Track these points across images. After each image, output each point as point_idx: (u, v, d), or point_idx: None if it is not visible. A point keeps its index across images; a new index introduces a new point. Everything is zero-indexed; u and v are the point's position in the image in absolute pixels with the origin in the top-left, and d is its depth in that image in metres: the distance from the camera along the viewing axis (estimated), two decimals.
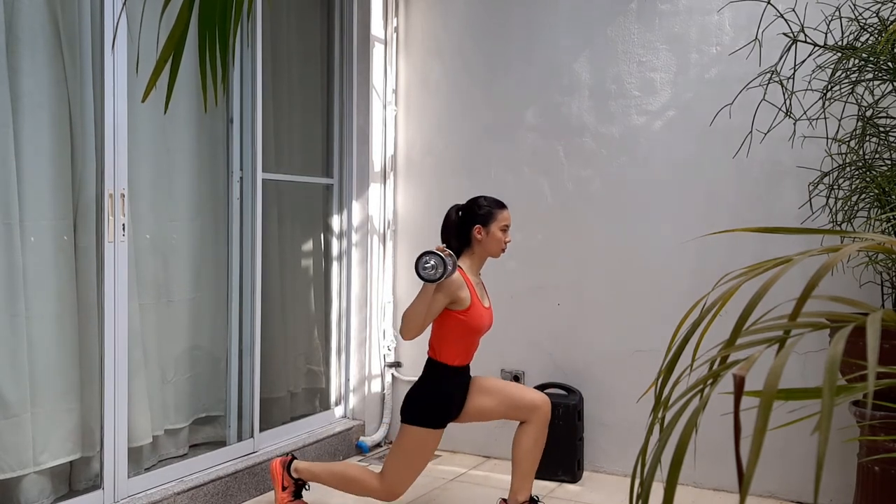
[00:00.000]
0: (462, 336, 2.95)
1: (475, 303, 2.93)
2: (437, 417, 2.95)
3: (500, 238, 3.00)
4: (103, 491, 2.85)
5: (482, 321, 2.96)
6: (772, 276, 0.91)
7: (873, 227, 2.81)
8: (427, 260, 2.75)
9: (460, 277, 2.88)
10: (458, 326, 2.92)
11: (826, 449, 0.70)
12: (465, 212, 3.04)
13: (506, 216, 3.03)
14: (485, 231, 2.99)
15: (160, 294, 3.22)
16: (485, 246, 3.00)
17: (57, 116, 2.77)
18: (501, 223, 3.01)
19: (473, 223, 2.99)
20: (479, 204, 3.02)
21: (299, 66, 3.98)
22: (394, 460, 2.97)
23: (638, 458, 0.99)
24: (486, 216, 2.99)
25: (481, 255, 3.03)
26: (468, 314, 2.91)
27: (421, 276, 2.76)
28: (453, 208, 3.07)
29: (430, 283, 2.77)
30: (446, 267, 2.74)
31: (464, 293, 2.88)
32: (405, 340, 2.95)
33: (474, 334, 2.98)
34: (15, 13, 2.65)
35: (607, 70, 3.80)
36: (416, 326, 2.83)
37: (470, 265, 3.01)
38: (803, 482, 3.41)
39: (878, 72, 2.82)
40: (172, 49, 1.43)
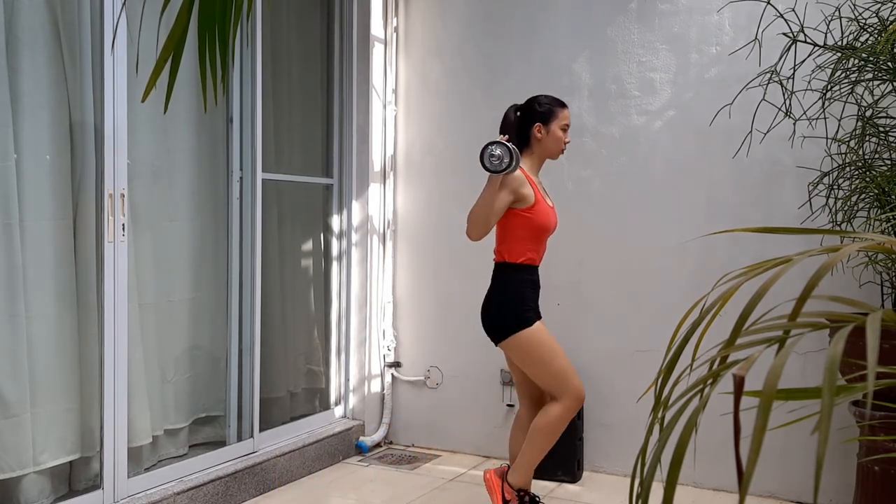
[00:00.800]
0: (530, 236, 2.84)
1: (539, 199, 2.83)
2: (529, 312, 2.83)
3: (560, 137, 2.92)
4: (103, 491, 2.85)
5: (549, 219, 2.87)
6: (772, 276, 0.91)
7: (873, 227, 2.81)
8: (493, 150, 2.64)
9: (522, 175, 2.79)
10: (525, 225, 2.82)
11: (826, 449, 0.70)
12: (524, 111, 2.94)
13: (566, 115, 2.94)
14: (545, 129, 2.90)
15: (160, 294, 3.22)
16: (545, 145, 2.92)
17: (57, 116, 2.77)
18: (562, 122, 2.92)
19: (533, 121, 2.91)
20: (540, 102, 2.93)
21: (299, 66, 3.98)
22: (540, 375, 2.82)
23: (638, 458, 0.99)
24: (547, 114, 2.91)
25: (541, 154, 2.94)
26: (534, 211, 2.82)
27: (486, 167, 2.64)
28: (511, 108, 2.96)
29: (497, 174, 2.65)
30: (512, 155, 2.62)
31: (527, 189, 2.79)
32: (472, 240, 2.79)
33: (542, 233, 2.87)
34: (15, 13, 2.65)
35: (607, 70, 3.80)
36: (483, 223, 2.73)
37: (530, 165, 2.92)
38: (803, 482, 3.41)
39: (877, 72, 2.82)
40: (172, 49, 1.43)
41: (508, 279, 2.86)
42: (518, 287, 2.86)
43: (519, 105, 2.98)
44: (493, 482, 2.95)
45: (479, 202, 2.74)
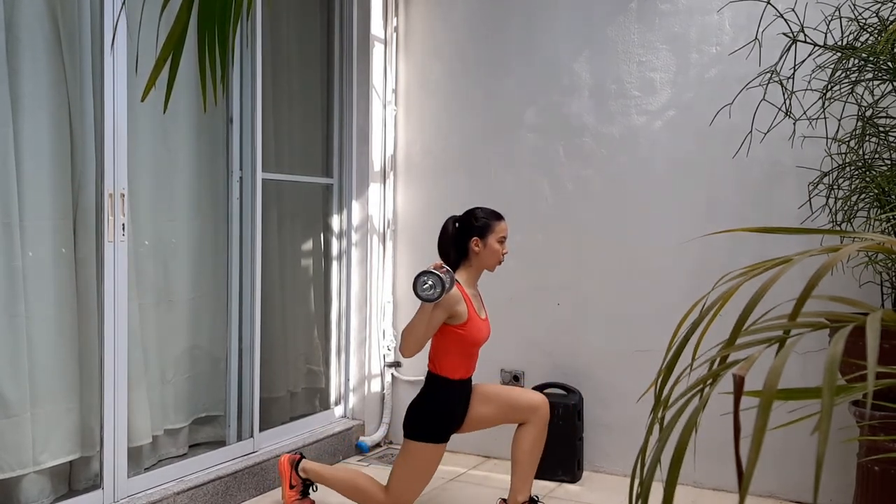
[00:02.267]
0: (461, 349, 2.95)
1: (472, 316, 2.93)
2: (441, 431, 2.96)
3: (497, 250, 3.01)
4: (103, 491, 2.85)
5: (480, 334, 2.97)
6: (772, 276, 0.91)
7: (873, 227, 2.81)
8: (425, 280, 2.75)
9: (458, 292, 2.89)
10: (456, 340, 2.93)
11: (826, 449, 0.70)
12: (461, 224, 3.04)
13: (503, 227, 3.03)
14: (482, 243, 2.99)
15: (160, 294, 3.22)
16: (482, 258, 3.01)
17: (56, 116, 2.77)
18: (499, 235, 3.01)
19: (471, 235, 2.99)
20: (476, 216, 3.02)
21: (299, 66, 3.98)
22: (399, 475, 2.97)
23: (638, 457, 0.99)
24: (484, 228, 2.99)
25: (478, 266, 3.03)
26: (466, 328, 2.92)
27: (419, 296, 2.76)
28: (450, 220, 3.07)
29: (429, 302, 2.77)
30: (444, 285, 2.74)
31: (461, 307, 2.89)
32: (405, 358, 2.98)
33: (473, 347, 2.99)
34: (15, 13, 2.65)
35: (607, 70, 3.80)
36: (416, 343, 2.84)
37: (467, 277, 3.01)
38: (803, 482, 3.40)
39: (877, 72, 2.82)
40: (172, 49, 1.43)
41: (438, 394, 2.99)
42: (446, 404, 3.00)
43: (457, 217, 3.07)
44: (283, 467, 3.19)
45: (413, 323, 2.84)
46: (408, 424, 2.98)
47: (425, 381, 3.04)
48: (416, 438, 2.94)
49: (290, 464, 3.19)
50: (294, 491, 3.17)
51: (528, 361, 3.98)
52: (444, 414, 2.98)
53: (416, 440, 2.94)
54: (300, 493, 3.18)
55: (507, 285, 3.93)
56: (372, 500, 3.01)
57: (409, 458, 2.95)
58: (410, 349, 2.85)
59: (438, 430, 2.95)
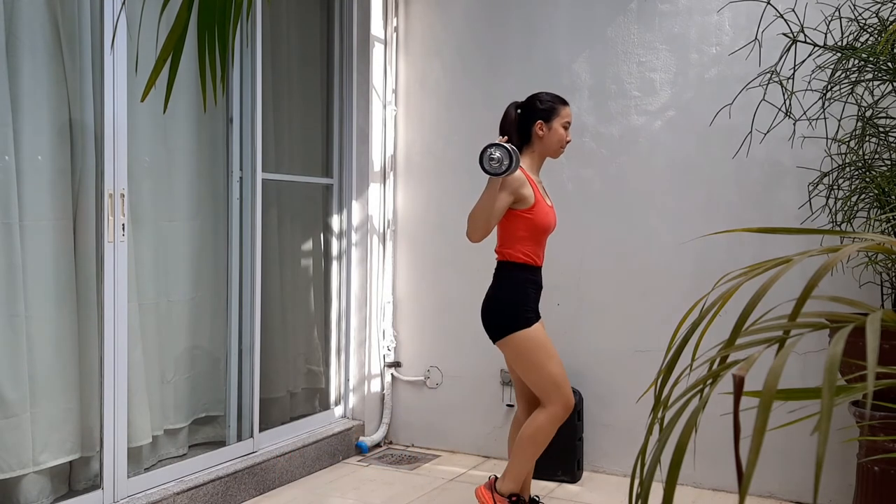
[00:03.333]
0: (530, 236, 2.82)
1: (539, 200, 2.82)
2: (528, 313, 2.81)
3: (562, 135, 2.89)
4: (103, 491, 2.85)
5: (548, 219, 2.85)
6: (772, 276, 0.91)
7: (873, 227, 2.81)
8: (492, 152, 2.62)
9: (522, 175, 2.77)
10: (525, 226, 2.80)
11: (826, 449, 0.70)
12: (525, 108, 2.91)
13: (568, 112, 2.91)
14: (546, 127, 2.87)
15: (160, 294, 3.22)
16: (546, 143, 2.89)
17: (57, 116, 2.77)
18: (564, 119, 2.90)
19: (535, 119, 2.87)
20: (541, 99, 2.90)
21: (299, 66, 3.98)
22: (532, 377, 2.79)
23: (638, 458, 0.99)
24: (549, 111, 2.88)
25: (541, 152, 2.91)
26: (534, 212, 2.80)
27: (486, 169, 2.62)
28: (512, 105, 2.93)
29: (496, 176, 2.64)
30: (512, 158, 2.60)
31: (527, 190, 2.77)
32: (472, 242, 2.78)
33: (542, 233, 2.85)
34: (15, 13, 2.65)
35: (607, 70, 3.80)
36: (483, 226, 2.71)
37: (530, 164, 2.89)
38: (803, 482, 3.41)
39: (877, 72, 2.82)
40: (172, 48, 1.43)
41: (511, 278, 2.84)
42: (520, 287, 2.84)
43: (520, 102, 2.95)
44: (483, 496, 2.91)
45: (479, 204, 2.73)
46: (493, 327, 2.82)
47: (495, 275, 2.89)
48: (514, 330, 2.77)
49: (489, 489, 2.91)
50: None
51: None
52: (522, 300, 2.81)
53: (512, 332, 2.77)
54: None
55: None
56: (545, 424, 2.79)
57: (524, 353, 2.77)
58: (477, 231, 2.72)
59: (526, 313, 2.80)
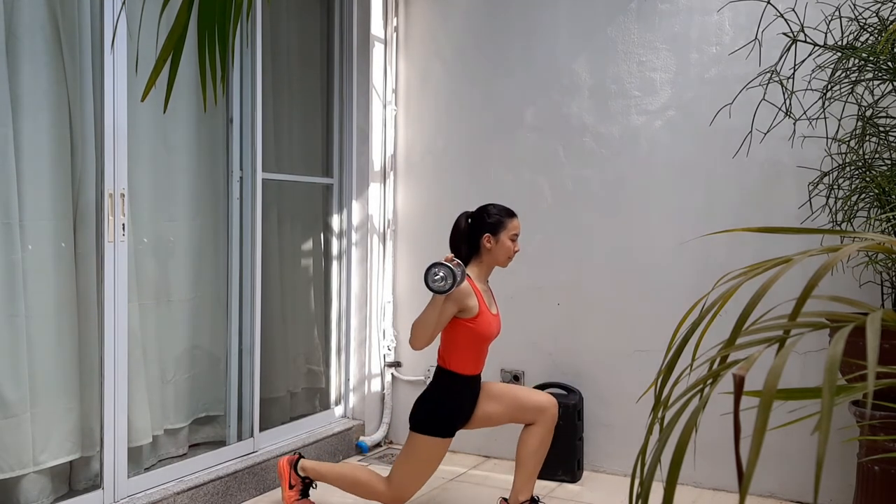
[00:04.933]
0: (471, 344, 2.95)
1: (483, 310, 2.93)
2: (447, 426, 2.96)
3: (509, 247, 3.01)
4: (103, 491, 2.85)
5: (490, 328, 2.97)
6: (772, 276, 0.91)
7: (873, 227, 2.81)
8: (437, 272, 2.75)
9: (468, 286, 2.89)
10: (467, 334, 2.92)
11: (826, 449, 0.70)
12: (474, 220, 3.04)
13: (515, 225, 3.04)
14: (494, 240, 2.99)
15: (160, 294, 3.22)
16: (494, 254, 3.01)
17: (57, 116, 2.77)
18: (511, 232, 3.02)
19: (483, 231, 3.00)
20: (489, 212, 3.02)
21: (299, 66, 3.98)
22: (402, 467, 2.97)
23: (638, 457, 0.99)
24: (496, 225, 3.00)
25: (489, 263, 3.04)
26: (476, 322, 2.91)
27: (431, 287, 2.76)
28: (463, 216, 3.07)
29: (440, 294, 2.77)
30: (455, 278, 2.74)
31: (472, 301, 2.89)
32: (415, 350, 2.96)
33: (483, 342, 2.98)
34: (15, 13, 2.65)
35: (607, 70, 3.80)
36: (426, 336, 2.84)
37: (478, 273, 3.02)
38: (803, 482, 3.41)
39: (878, 71, 2.82)
40: (172, 48, 1.43)
41: (447, 388, 2.99)
42: (455, 397, 3.00)
43: (470, 212, 3.08)
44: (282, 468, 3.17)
45: (423, 315, 2.84)
46: (414, 417, 2.98)
47: (434, 375, 3.04)
48: (422, 432, 2.93)
49: (289, 464, 3.19)
50: (294, 491, 3.17)
51: (528, 361, 3.98)
52: (452, 409, 2.98)
53: (421, 433, 2.94)
54: (300, 492, 3.17)
55: (508, 285, 3.93)
56: (373, 492, 3.01)
57: (414, 451, 2.95)
58: (420, 342, 2.85)
59: (445, 425, 2.95)
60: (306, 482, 3.19)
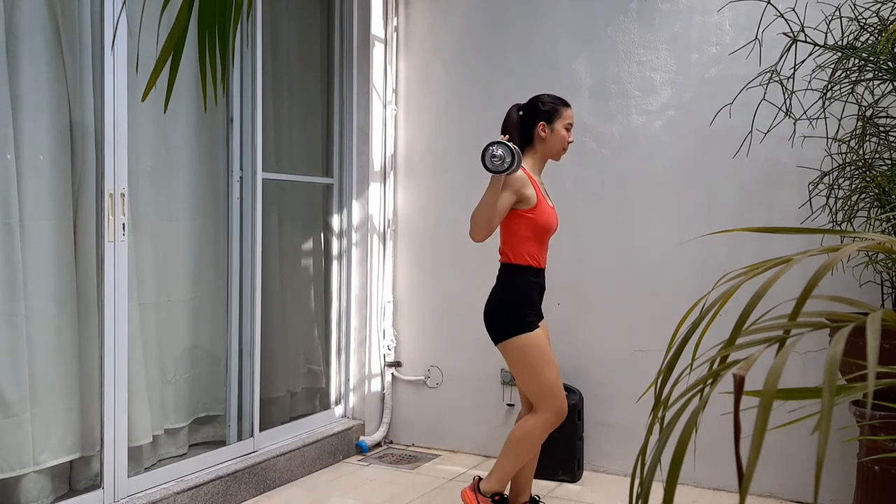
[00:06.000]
0: (532, 236, 2.82)
1: (541, 200, 2.82)
2: (529, 319, 2.79)
3: (564, 136, 2.90)
4: (103, 490, 2.85)
5: (550, 220, 2.85)
6: (772, 276, 0.91)
7: (873, 227, 2.81)
8: (494, 150, 2.62)
9: (524, 175, 2.77)
10: (527, 226, 2.80)
11: (826, 449, 0.70)
12: (527, 109, 2.92)
13: (570, 114, 2.92)
14: (549, 128, 2.88)
15: (160, 294, 3.22)
16: (548, 144, 2.89)
17: (57, 116, 2.77)
18: (566, 121, 2.90)
19: (537, 120, 2.88)
20: (544, 101, 2.90)
21: (299, 66, 3.98)
22: (528, 381, 2.79)
23: (638, 457, 0.99)
24: (551, 113, 2.88)
25: (543, 154, 2.92)
26: (536, 212, 2.80)
27: (488, 167, 2.63)
28: (514, 107, 2.93)
29: (498, 174, 2.64)
30: (514, 156, 2.61)
31: (529, 190, 2.77)
32: (475, 241, 2.78)
33: (544, 234, 2.85)
34: (15, 13, 2.65)
35: (607, 70, 3.80)
36: (486, 225, 2.71)
37: (532, 165, 2.89)
38: (803, 482, 3.41)
39: (878, 71, 2.82)
40: (172, 48, 1.43)
41: (514, 280, 2.84)
42: (523, 289, 2.83)
43: (522, 104, 2.95)
44: (467, 497, 2.91)
45: (482, 203, 2.72)
46: (494, 329, 2.81)
47: (498, 277, 2.88)
48: (513, 334, 2.76)
49: (473, 491, 2.91)
50: None
51: None
52: (525, 302, 2.81)
53: (513, 336, 2.76)
54: None
55: None
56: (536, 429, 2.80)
57: (520, 358, 2.77)
58: (481, 231, 2.72)
59: (528, 317, 2.79)
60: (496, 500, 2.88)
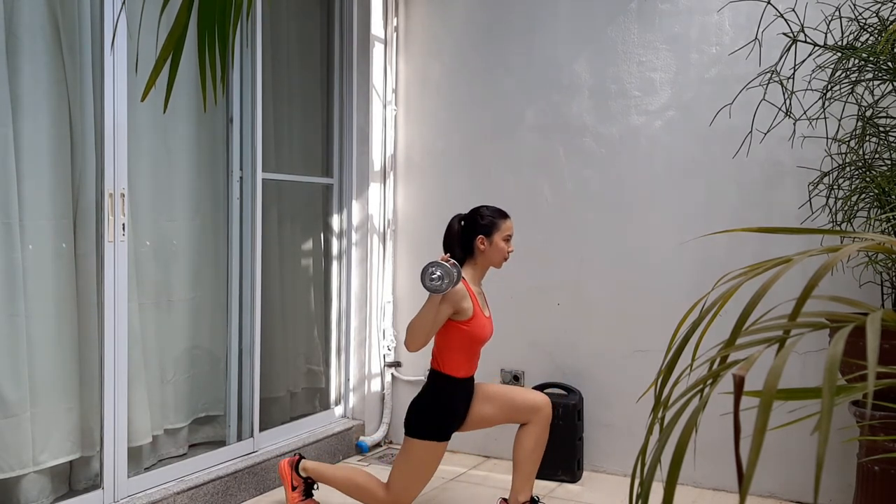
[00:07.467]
0: (465, 346, 2.95)
1: (477, 313, 2.93)
2: (442, 430, 2.96)
3: (503, 248, 3.00)
4: (103, 490, 2.85)
5: (484, 331, 2.97)
6: (772, 276, 0.91)
7: (873, 227, 2.81)
8: (433, 271, 2.74)
9: (463, 288, 2.89)
10: (461, 337, 2.92)
11: (826, 449, 0.70)
12: (467, 222, 3.03)
13: (509, 226, 3.03)
14: (488, 241, 2.99)
15: (160, 294, 3.22)
16: (487, 256, 3.00)
17: (57, 116, 2.77)
18: (504, 233, 3.01)
19: (476, 234, 2.99)
20: (482, 214, 3.01)
21: (299, 66, 3.98)
22: (399, 472, 2.97)
23: (638, 457, 0.99)
24: (490, 226, 2.99)
25: (483, 264, 3.03)
26: (471, 324, 2.91)
27: (427, 287, 2.75)
28: (455, 218, 3.07)
29: (437, 293, 2.77)
30: (452, 277, 2.74)
31: (467, 303, 2.89)
32: (410, 352, 2.96)
33: (476, 344, 2.98)
34: (15, 13, 2.65)
35: (607, 70, 3.80)
36: (422, 337, 2.84)
37: (472, 275, 3.01)
38: (803, 482, 3.41)
39: (878, 72, 2.82)
40: (172, 48, 1.43)
41: (444, 391, 2.98)
42: (448, 402, 2.99)
43: (463, 214, 3.07)
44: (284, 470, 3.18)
45: (419, 316, 2.84)
46: (409, 422, 2.98)
47: (427, 378, 3.04)
48: (418, 436, 2.93)
49: (290, 465, 3.19)
50: (297, 492, 3.17)
51: (528, 361, 3.98)
52: (447, 412, 2.98)
53: (417, 438, 2.93)
54: (303, 493, 3.17)
55: (508, 285, 3.93)
56: (372, 497, 3.01)
57: (410, 456, 2.95)
58: (416, 343, 2.85)
59: (440, 429, 2.95)
60: (308, 483, 3.19)
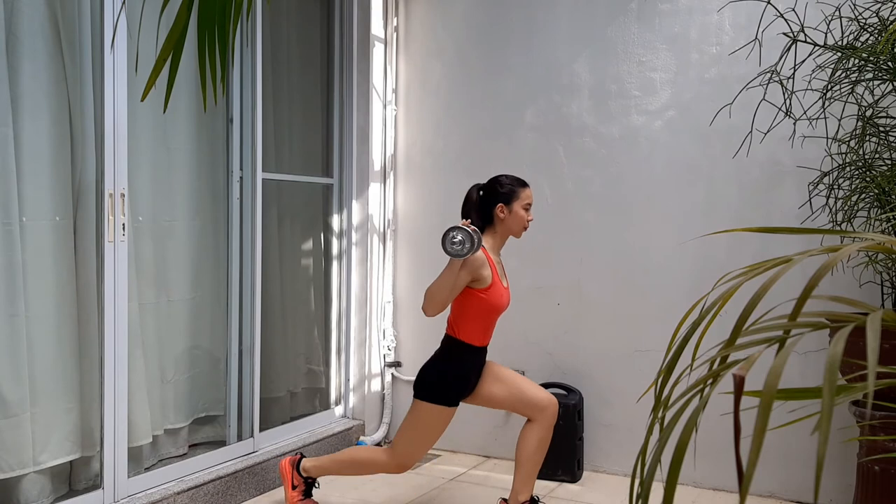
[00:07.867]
0: (482, 315, 2.92)
1: (496, 281, 2.91)
2: (452, 395, 2.93)
3: (522, 216, 2.98)
4: (103, 490, 2.85)
5: (501, 300, 2.94)
6: (772, 276, 0.91)
7: (873, 227, 2.81)
8: (454, 235, 2.72)
9: (483, 255, 2.86)
10: (478, 305, 2.90)
11: (826, 449, 0.70)
12: (486, 190, 3.01)
13: (528, 194, 3.00)
14: (507, 209, 2.96)
15: (160, 294, 3.22)
16: (507, 225, 2.98)
17: (57, 116, 2.77)
18: (524, 201, 2.98)
19: (496, 202, 2.97)
20: (501, 182, 2.99)
21: (299, 66, 3.98)
22: (405, 435, 2.95)
23: (638, 457, 0.99)
24: (509, 194, 2.97)
25: (503, 233, 3.01)
26: (489, 293, 2.89)
27: (448, 251, 2.73)
28: (474, 187, 3.04)
29: (457, 258, 2.74)
30: (473, 242, 2.71)
31: (486, 271, 2.86)
32: (428, 316, 2.91)
33: (494, 313, 2.95)
34: (15, 13, 2.65)
35: (607, 70, 3.80)
36: (440, 302, 2.81)
37: (492, 244, 2.99)
38: (803, 482, 3.41)
39: (878, 72, 2.82)
40: (172, 48, 1.43)
41: (456, 357, 2.97)
42: (461, 368, 2.97)
43: (481, 184, 3.05)
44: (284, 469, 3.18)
45: (438, 281, 2.82)
46: (419, 384, 2.95)
47: (442, 343, 3.01)
48: (427, 399, 2.90)
49: (291, 464, 3.19)
50: (296, 491, 3.16)
51: (528, 361, 3.98)
52: (458, 378, 2.95)
53: (427, 401, 2.91)
54: (303, 493, 3.17)
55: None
56: (376, 465, 3.01)
57: (418, 419, 2.93)
58: (434, 308, 2.82)
59: (450, 393, 2.92)
60: (309, 482, 3.18)
